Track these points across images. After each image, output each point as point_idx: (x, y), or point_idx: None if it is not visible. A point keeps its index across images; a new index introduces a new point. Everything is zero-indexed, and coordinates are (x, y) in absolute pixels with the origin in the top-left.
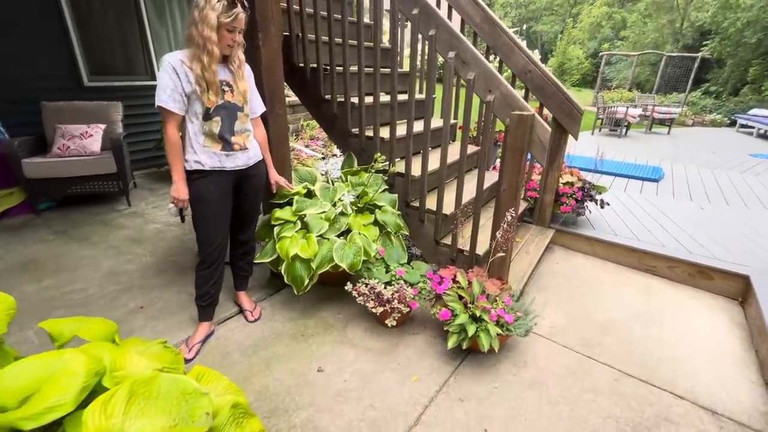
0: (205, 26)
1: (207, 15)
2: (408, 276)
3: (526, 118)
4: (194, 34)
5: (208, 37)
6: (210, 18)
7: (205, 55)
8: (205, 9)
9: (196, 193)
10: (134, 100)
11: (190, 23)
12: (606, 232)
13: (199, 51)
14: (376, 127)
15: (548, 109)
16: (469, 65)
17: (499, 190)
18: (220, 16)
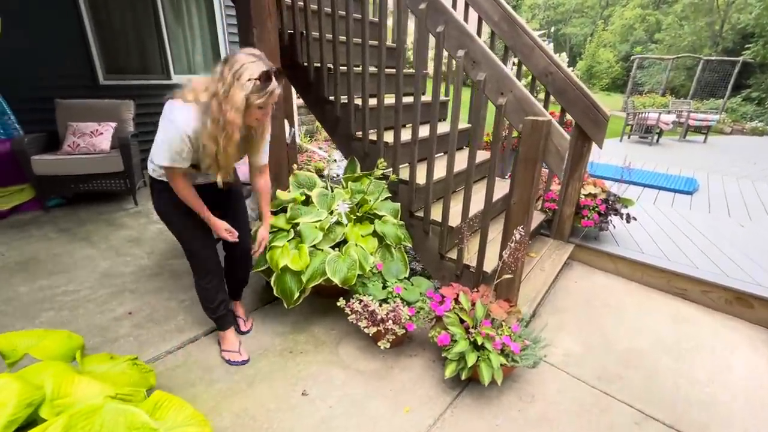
0: (229, 107)
1: (234, 95)
2: (406, 294)
3: (540, 124)
4: (214, 110)
5: (231, 120)
6: (237, 99)
7: (223, 138)
8: (233, 87)
9: (170, 206)
10: (148, 99)
11: (212, 93)
12: (631, 249)
13: (216, 130)
14: (380, 131)
15: (571, 114)
16: (480, 65)
17: (509, 203)
18: (250, 96)
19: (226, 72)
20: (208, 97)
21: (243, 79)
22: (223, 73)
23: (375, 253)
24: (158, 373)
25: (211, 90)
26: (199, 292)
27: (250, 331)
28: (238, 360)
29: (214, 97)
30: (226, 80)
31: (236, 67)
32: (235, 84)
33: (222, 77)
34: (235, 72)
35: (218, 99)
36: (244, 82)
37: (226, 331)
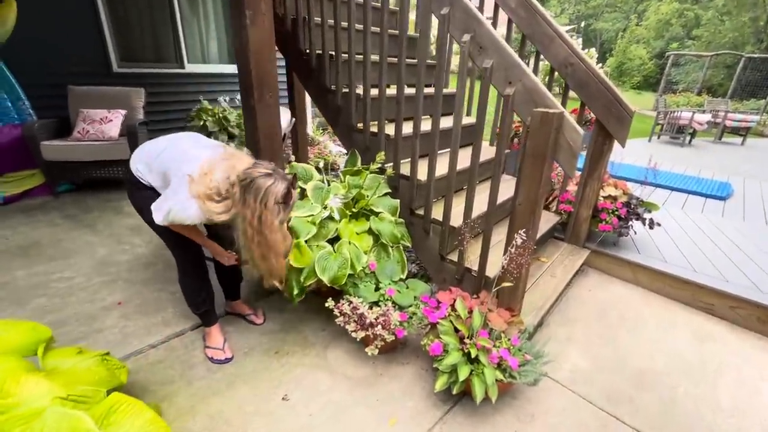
0: (268, 231)
1: (267, 221)
2: (399, 297)
3: (551, 116)
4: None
5: (275, 241)
6: (273, 223)
7: (272, 254)
8: (264, 214)
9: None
10: (161, 87)
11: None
12: (653, 257)
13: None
14: (381, 123)
15: (591, 109)
16: (487, 51)
17: (513, 203)
18: (280, 216)
19: (250, 200)
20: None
21: (270, 205)
22: (247, 201)
23: (370, 252)
24: (137, 369)
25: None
26: (183, 286)
27: (265, 322)
28: (221, 358)
29: (248, 225)
30: (253, 208)
31: (260, 194)
32: (265, 212)
33: (246, 204)
34: (261, 199)
35: (253, 227)
36: (272, 208)
37: (212, 327)
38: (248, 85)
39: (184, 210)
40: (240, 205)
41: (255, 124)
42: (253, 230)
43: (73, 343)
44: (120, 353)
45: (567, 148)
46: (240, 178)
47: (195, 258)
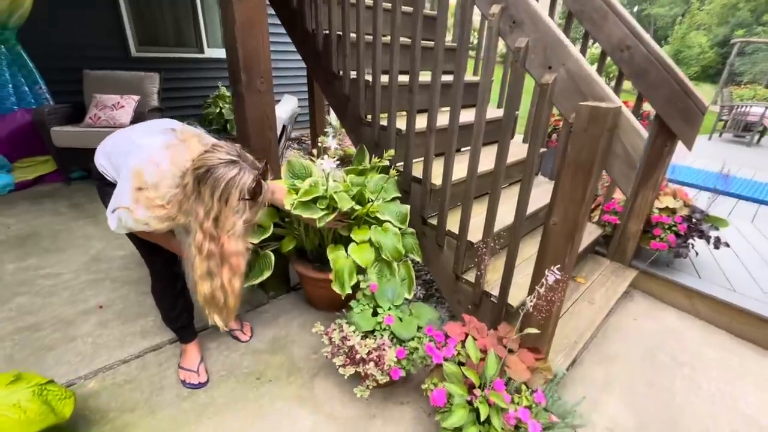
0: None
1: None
2: (400, 327)
3: (604, 113)
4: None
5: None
6: (235, 226)
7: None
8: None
9: None
10: (179, 73)
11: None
12: (717, 282)
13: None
14: (391, 115)
15: (651, 102)
16: (522, 26)
17: (547, 220)
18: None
19: (205, 195)
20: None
21: (233, 202)
22: (202, 196)
23: (371, 267)
24: (101, 389)
25: (184, 207)
26: (156, 299)
27: (252, 338)
28: (195, 382)
29: (198, 228)
30: (208, 205)
31: (219, 187)
32: (224, 210)
33: (200, 199)
34: (220, 195)
35: (205, 231)
36: (234, 206)
37: (188, 344)
38: (235, 69)
39: (133, 216)
40: (192, 200)
41: (244, 115)
42: (205, 236)
43: (42, 352)
44: (87, 368)
45: (623, 157)
46: (194, 165)
47: (169, 265)
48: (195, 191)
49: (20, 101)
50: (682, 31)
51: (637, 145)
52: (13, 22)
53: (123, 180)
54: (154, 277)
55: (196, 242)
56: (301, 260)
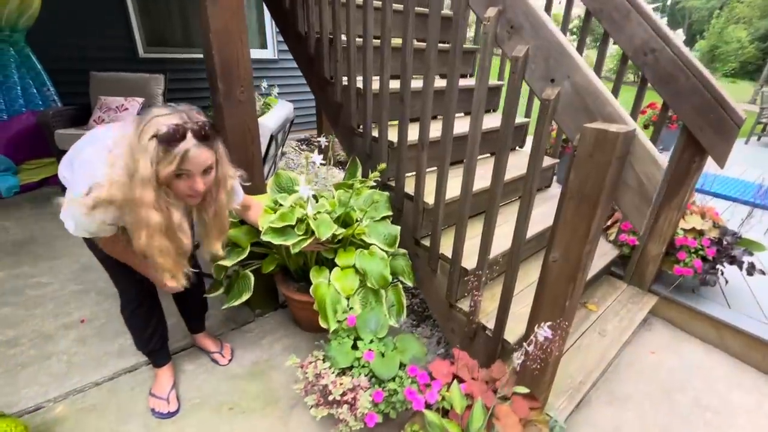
0: (137, 180)
1: (138, 162)
2: (380, 365)
3: (612, 138)
4: (121, 185)
5: (139, 199)
6: (142, 168)
7: (143, 228)
8: (136, 151)
9: None
10: (188, 74)
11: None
12: (751, 314)
13: (132, 216)
14: (382, 126)
15: (677, 113)
16: (521, 31)
17: (545, 259)
18: (157, 164)
19: (134, 127)
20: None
21: (144, 139)
22: (131, 128)
23: (354, 296)
24: (67, 415)
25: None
26: (126, 320)
27: (231, 361)
28: (164, 411)
29: (124, 165)
30: (130, 139)
31: (144, 120)
32: (137, 146)
33: (128, 133)
34: (141, 129)
35: (126, 168)
36: (145, 143)
37: (160, 368)
38: (212, 77)
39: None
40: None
41: (223, 125)
42: (124, 176)
43: (15, 371)
44: (57, 390)
45: (637, 189)
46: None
47: (139, 285)
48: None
49: (28, 103)
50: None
51: (653, 176)
52: (22, 24)
53: (76, 171)
54: (123, 297)
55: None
56: (286, 279)
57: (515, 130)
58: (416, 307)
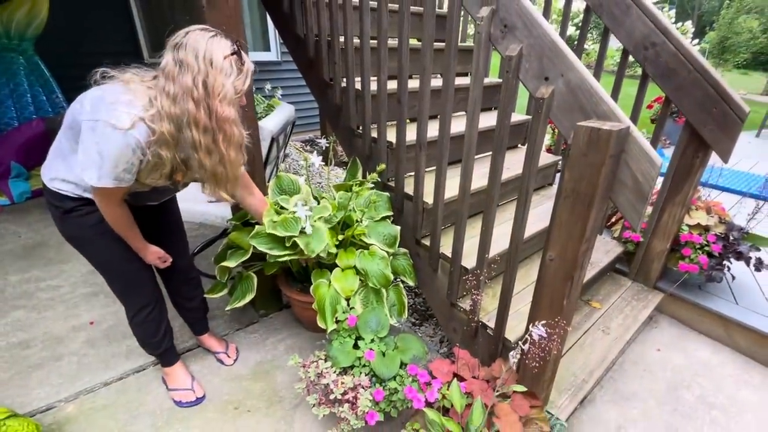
0: (218, 101)
1: (217, 84)
2: (381, 364)
3: (606, 136)
4: (196, 113)
5: (227, 117)
6: (225, 88)
7: (223, 143)
8: (210, 76)
9: (90, 228)
10: None
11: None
12: (759, 310)
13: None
14: (381, 126)
15: (679, 107)
16: (515, 30)
17: (543, 258)
18: (235, 82)
19: (189, 58)
20: (169, 101)
21: (218, 61)
22: (186, 62)
23: (355, 296)
24: (77, 414)
25: (172, 91)
26: (135, 328)
27: (236, 361)
28: (192, 399)
29: (189, 98)
30: (195, 69)
31: (201, 49)
32: (211, 71)
33: (186, 67)
34: (204, 56)
35: (195, 98)
36: (220, 65)
37: (173, 366)
38: None
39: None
40: (177, 75)
41: None
42: (198, 106)
43: (27, 372)
44: (68, 390)
45: (632, 187)
46: (170, 41)
47: (149, 291)
48: (176, 63)
49: (38, 110)
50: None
51: (648, 174)
52: (30, 32)
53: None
54: (131, 308)
55: (190, 116)
56: (288, 280)
57: (516, 127)
58: (419, 306)
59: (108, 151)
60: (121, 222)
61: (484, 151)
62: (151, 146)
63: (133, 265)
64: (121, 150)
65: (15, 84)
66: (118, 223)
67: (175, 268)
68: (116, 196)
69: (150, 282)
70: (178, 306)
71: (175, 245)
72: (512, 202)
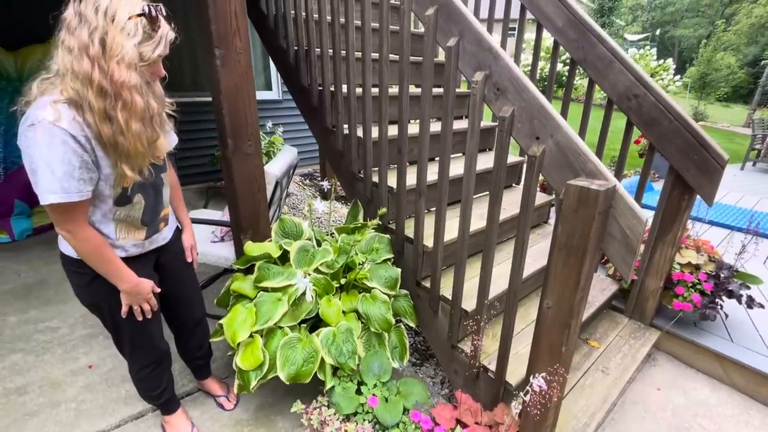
0: (114, 62)
1: (115, 43)
2: (384, 410)
3: (594, 195)
4: (91, 73)
5: (124, 81)
6: (123, 48)
7: (120, 110)
8: (109, 33)
9: (107, 292)
10: (196, 116)
11: (81, 56)
12: (754, 348)
13: (105, 102)
14: (382, 171)
15: (664, 154)
16: (506, 94)
17: (540, 306)
18: (140, 47)
19: (88, 11)
20: (80, 63)
21: (121, 20)
22: (84, 14)
23: (359, 339)
24: None
25: (77, 49)
26: (139, 383)
27: (237, 406)
28: None
29: (91, 62)
30: (92, 23)
31: (104, 3)
32: (111, 28)
33: (84, 20)
34: (106, 10)
35: (90, 56)
36: (123, 24)
37: (173, 414)
38: (222, 135)
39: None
40: (73, 27)
41: (231, 178)
42: (93, 64)
43: (24, 420)
44: None
45: (621, 240)
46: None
47: (159, 348)
48: (76, 14)
49: None
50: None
51: (635, 228)
52: None
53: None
54: (136, 364)
55: (83, 73)
56: None
57: (510, 168)
58: (419, 345)
59: (37, 157)
60: (95, 251)
61: (480, 191)
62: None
63: (147, 328)
64: (49, 149)
65: None
66: (93, 254)
67: (194, 313)
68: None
69: (160, 340)
70: (184, 353)
71: (189, 293)
72: (509, 242)
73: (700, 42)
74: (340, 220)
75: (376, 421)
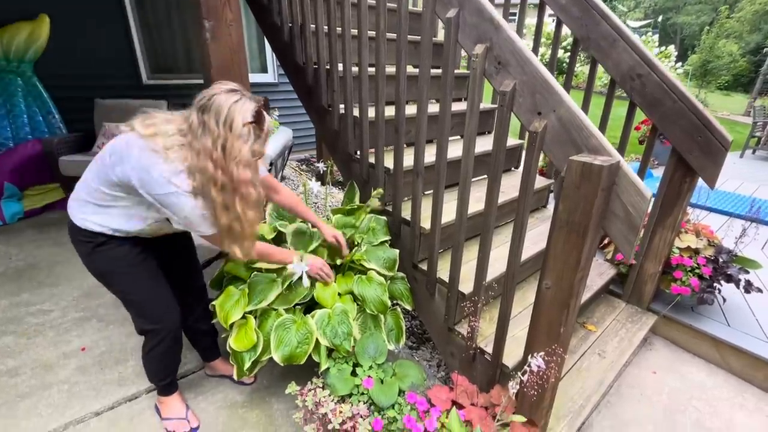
0: (234, 165)
1: (234, 149)
2: (379, 392)
3: (597, 170)
4: (215, 174)
5: (244, 180)
6: (242, 153)
7: (239, 203)
8: (229, 140)
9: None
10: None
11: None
12: (750, 332)
13: (227, 197)
14: (379, 152)
15: (666, 134)
16: (508, 67)
17: (539, 286)
18: (252, 146)
19: (211, 122)
20: (196, 163)
21: (237, 127)
22: (208, 125)
23: (354, 321)
24: None
25: (196, 147)
26: (151, 360)
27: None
28: (186, 430)
29: (208, 158)
30: (215, 133)
31: (223, 113)
32: (230, 136)
33: (207, 129)
34: (225, 120)
35: (214, 159)
36: (239, 131)
37: (170, 395)
38: None
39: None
40: (200, 134)
41: None
42: (216, 166)
43: (15, 401)
44: (57, 421)
45: (624, 218)
46: (196, 101)
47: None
48: (200, 123)
49: (34, 131)
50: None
51: (638, 205)
52: (29, 55)
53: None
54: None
55: (208, 175)
56: None
57: (509, 151)
58: (416, 329)
59: (189, 213)
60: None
61: (479, 174)
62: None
63: (162, 298)
64: (192, 209)
65: (12, 105)
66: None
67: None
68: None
69: (176, 308)
70: (192, 330)
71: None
72: (507, 225)
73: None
74: (336, 205)
75: (371, 402)
